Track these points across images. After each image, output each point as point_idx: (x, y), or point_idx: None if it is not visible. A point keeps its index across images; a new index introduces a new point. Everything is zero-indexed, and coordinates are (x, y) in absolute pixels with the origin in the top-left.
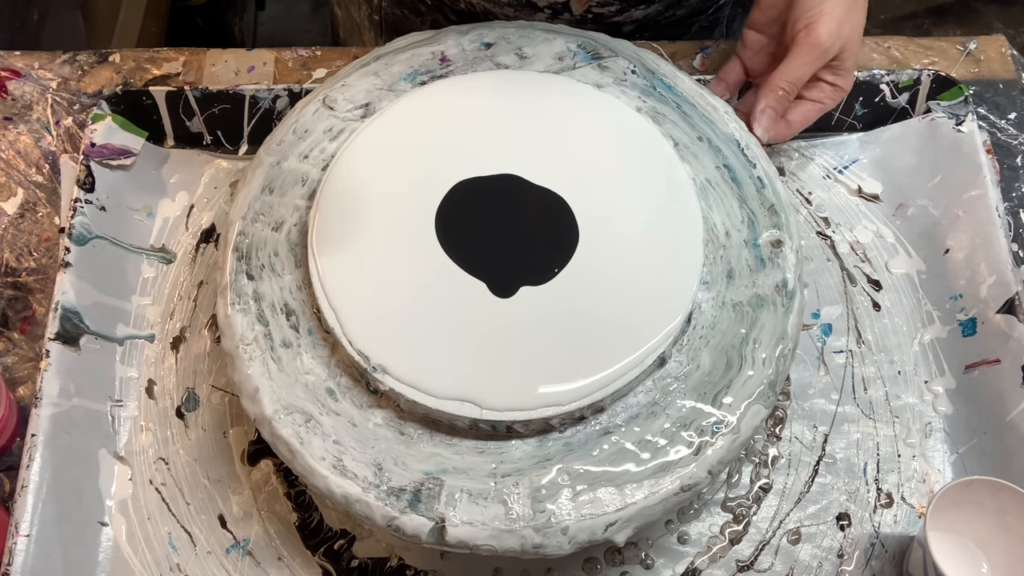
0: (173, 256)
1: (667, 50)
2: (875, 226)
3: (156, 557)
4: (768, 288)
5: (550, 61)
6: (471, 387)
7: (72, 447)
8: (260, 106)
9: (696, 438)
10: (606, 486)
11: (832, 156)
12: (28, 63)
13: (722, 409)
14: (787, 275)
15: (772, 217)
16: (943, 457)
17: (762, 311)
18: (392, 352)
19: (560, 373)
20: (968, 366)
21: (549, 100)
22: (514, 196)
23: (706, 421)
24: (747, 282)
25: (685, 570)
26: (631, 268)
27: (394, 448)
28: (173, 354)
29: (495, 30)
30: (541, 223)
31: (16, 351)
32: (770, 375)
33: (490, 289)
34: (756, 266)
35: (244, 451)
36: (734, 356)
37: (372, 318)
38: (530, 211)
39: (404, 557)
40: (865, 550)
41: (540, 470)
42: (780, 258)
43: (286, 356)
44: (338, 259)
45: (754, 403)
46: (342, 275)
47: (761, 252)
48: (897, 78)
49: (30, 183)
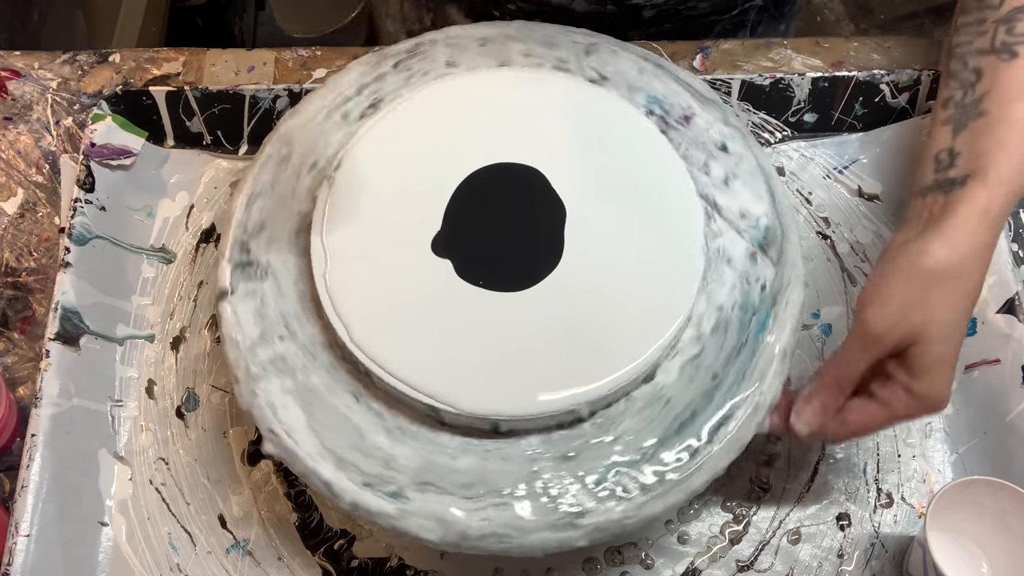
0: (173, 256)
1: (667, 50)
2: (875, 226)
3: (156, 557)
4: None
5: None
6: (469, 385)
7: (72, 447)
8: (260, 106)
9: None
10: (574, 483)
11: (832, 156)
12: (28, 63)
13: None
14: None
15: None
16: (943, 457)
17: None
18: (387, 347)
19: (557, 375)
20: (968, 366)
21: (555, 99)
22: (515, 197)
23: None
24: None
25: (685, 570)
26: (631, 272)
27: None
28: (173, 354)
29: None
30: (542, 224)
31: (16, 351)
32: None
33: (485, 286)
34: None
35: (244, 451)
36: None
37: (372, 313)
38: (535, 211)
39: (404, 557)
40: (865, 550)
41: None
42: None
43: (264, 298)
44: (341, 258)
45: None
46: (346, 275)
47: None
48: (897, 78)
49: (30, 183)
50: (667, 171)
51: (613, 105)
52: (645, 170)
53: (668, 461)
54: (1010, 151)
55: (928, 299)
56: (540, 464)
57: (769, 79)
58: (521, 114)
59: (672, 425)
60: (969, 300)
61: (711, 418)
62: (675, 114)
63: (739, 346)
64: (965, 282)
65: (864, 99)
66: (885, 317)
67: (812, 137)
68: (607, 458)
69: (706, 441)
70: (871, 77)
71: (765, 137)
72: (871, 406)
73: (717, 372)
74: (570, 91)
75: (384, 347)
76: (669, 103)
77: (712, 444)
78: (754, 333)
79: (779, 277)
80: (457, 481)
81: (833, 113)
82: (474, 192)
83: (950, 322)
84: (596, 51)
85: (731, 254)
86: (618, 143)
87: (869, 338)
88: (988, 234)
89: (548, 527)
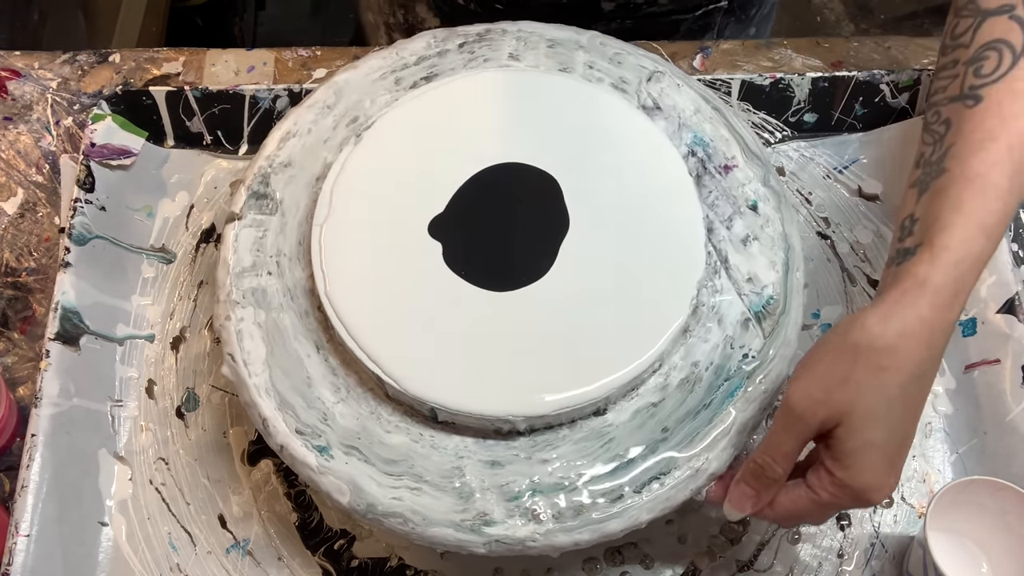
0: (173, 256)
1: (667, 50)
2: (875, 226)
3: (156, 557)
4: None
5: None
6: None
7: (72, 447)
8: (260, 106)
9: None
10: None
11: (832, 156)
12: (28, 63)
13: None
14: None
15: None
16: (943, 457)
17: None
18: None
19: (505, 384)
20: (968, 366)
21: (552, 99)
22: (516, 196)
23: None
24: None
25: (685, 570)
26: (615, 302)
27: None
28: (173, 354)
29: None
30: (540, 231)
31: (16, 351)
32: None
33: (466, 278)
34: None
35: (244, 451)
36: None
37: (353, 273)
38: (536, 218)
39: (404, 557)
40: (865, 550)
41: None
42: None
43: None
44: (342, 213)
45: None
46: (342, 231)
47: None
48: (897, 78)
49: (30, 183)
50: (684, 215)
51: (663, 146)
52: (662, 209)
53: (590, 498)
54: (965, 212)
55: (854, 377)
56: (466, 463)
57: (769, 79)
58: (556, 119)
59: (607, 465)
60: (909, 381)
61: (647, 471)
62: (716, 161)
63: (699, 407)
64: (901, 361)
65: (864, 99)
66: (808, 395)
67: (812, 137)
68: (531, 476)
69: (633, 490)
70: (871, 77)
71: (765, 137)
72: (799, 490)
73: (669, 427)
74: (624, 113)
75: (353, 308)
76: (713, 148)
77: (640, 495)
78: (719, 399)
79: (765, 350)
80: (383, 455)
81: (833, 113)
82: (484, 185)
83: (879, 404)
84: (659, 80)
85: (724, 313)
86: (612, 136)
87: (791, 418)
88: (930, 309)
89: (452, 525)
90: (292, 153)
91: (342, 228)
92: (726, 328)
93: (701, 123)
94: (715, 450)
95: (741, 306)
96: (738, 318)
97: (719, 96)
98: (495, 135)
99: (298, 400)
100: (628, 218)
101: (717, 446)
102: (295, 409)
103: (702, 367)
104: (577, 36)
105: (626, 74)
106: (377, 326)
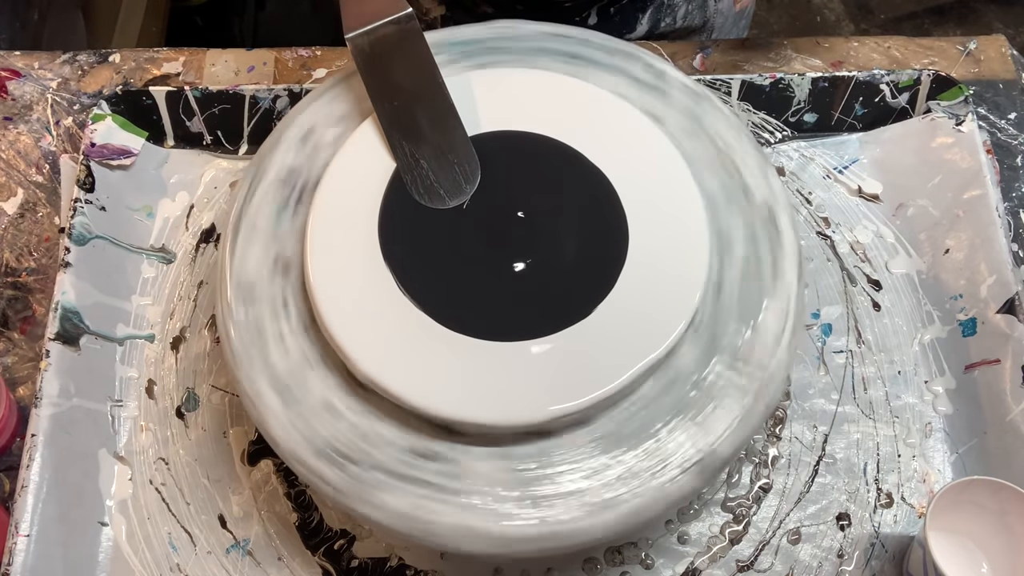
0: (173, 256)
1: (667, 50)
2: (875, 226)
3: (156, 557)
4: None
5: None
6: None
7: (72, 447)
8: (260, 106)
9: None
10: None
11: (832, 156)
12: (28, 63)
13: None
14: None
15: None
16: (943, 457)
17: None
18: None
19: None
20: (968, 366)
21: (552, 99)
22: (517, 198)
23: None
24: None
25: (685, 570)
26: (636, 271)
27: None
28: (173, 354)
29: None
30: (542, 222)
31: (16, 351)
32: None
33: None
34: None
35: (244, 451)
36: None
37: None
38: (536, 211)
39: (404, 557)
40: (865, 550)
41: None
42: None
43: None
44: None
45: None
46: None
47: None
48: (897, 78)
49: (30, 183)
50: (663, 159)
51: (611, 102)
52: (642, 159)
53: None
54: None
55: None
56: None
57: (769, 79)
58: (518, 115)
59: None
60: None
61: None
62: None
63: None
64: None
65: (864, 99)
66: None
67: (812, 137)
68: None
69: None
70: (871, 77)
71: (765, 137)
72: None
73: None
74: (565, 89)
75: (332, 286)
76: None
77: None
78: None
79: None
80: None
81: (833, 113)
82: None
83: None
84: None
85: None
86: (612, 135)
87: None
88: None
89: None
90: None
91: (338, 199)
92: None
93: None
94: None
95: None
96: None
97: (719, 96)
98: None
99: (277, 349)
100: (616, 176)
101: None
102: (270, 360)
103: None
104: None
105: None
106: (350, 313)
